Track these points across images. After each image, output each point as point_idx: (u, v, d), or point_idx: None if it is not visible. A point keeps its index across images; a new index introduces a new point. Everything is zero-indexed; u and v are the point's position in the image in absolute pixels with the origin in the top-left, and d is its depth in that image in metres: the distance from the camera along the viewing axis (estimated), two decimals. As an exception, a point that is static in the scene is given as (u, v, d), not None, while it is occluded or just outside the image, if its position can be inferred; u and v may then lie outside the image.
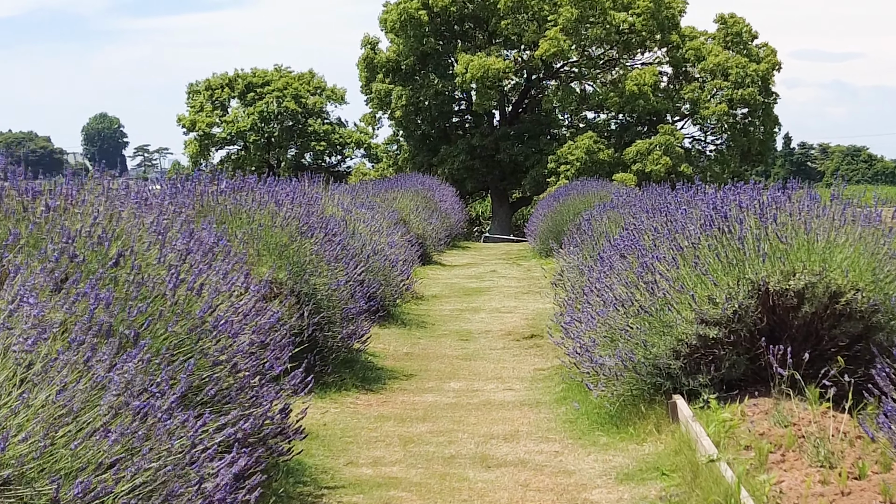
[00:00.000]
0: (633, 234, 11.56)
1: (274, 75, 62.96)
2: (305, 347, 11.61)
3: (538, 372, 13.06)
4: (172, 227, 8.55)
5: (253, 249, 11.84)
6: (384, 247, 17.45)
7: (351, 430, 10.02)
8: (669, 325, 9.68)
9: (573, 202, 28.94)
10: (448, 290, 22.57)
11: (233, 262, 8.92)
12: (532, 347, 15.00)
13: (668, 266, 10.04)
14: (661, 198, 14.92)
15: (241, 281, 8.40)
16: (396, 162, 54.48)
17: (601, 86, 49.60)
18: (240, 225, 12.02)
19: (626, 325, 9.95)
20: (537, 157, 48.21)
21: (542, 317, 17.90)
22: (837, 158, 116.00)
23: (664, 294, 9.72)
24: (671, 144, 46.59)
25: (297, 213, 12.59)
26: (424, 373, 13.16)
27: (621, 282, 10.57)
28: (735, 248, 9.64)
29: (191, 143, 62.10)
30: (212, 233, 9.35)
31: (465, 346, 15.26)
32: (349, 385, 11.97)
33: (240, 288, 8.38)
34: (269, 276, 11.56)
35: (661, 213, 11.60)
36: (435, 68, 50.81)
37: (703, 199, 11.20)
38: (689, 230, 10.14)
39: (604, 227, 17.39)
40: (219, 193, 12.18)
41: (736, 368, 9.62)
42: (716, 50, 50.21)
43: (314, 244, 12.39)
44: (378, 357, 13.96)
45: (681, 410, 9.25)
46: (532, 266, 28.10)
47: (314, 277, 12.10)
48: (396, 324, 16.89)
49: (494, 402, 11.41)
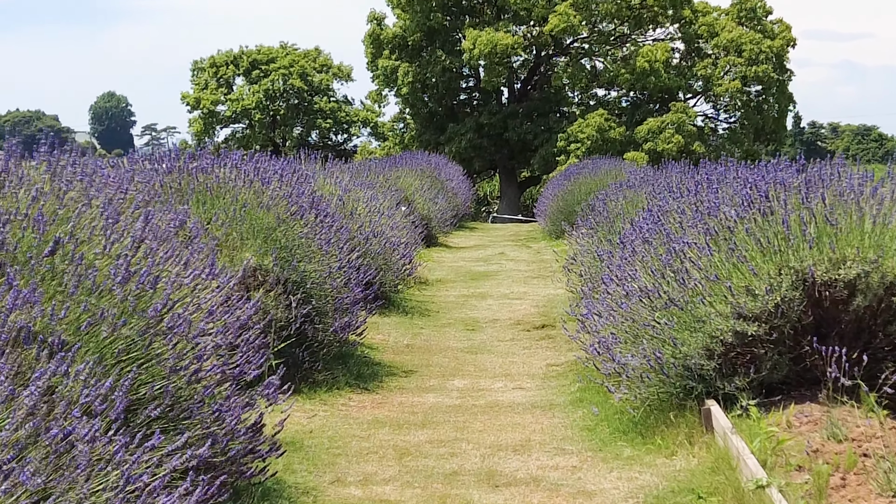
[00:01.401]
0: (658, 216, 10.37)
1: (279, 52, 62.26)
2: (294, 342, 10.48)
3: (551, 368, 11.89)
4: (127, 210, 7.36)
5: (235, 232, 10.69)
6: (385, 229, 16.28)
7: (340, 439, 8.85)
8: (701, 319, 8.51)
9: (585, 181, 27.73)
10: (454, 273, 21.40)
11: (203, 248, 7.73)
12: (544, 339, 13.82)
13: (699, 252, 8.86)
14: (686, 176, 13.72)
15: (208, 272, 7.21)
16: (403, 140, 53.49)
17: (612, 62, 48.41)
18: (222, 205, 10.85)
19: (652, 320, 8.78)
20: (546, 136, 47.17)
21: (553, 304, 16.73)
22: (848, 138, 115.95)
23: (695, 284, 8.55)
24: (683, 122, 45.45)
25: (286, 192, 11.41)
26: (426, 368, 11.99)
27: (645, 270, 9.39)
28: (777, 233, 8.46)
29: (195, 121, 61.49)
30: (179, 214, 8.17)
31: (470, 338, 14.10)
32: (342, 383, 10.81)
33: (206, 279, 7.20)
34: (252, 263, 10.41)
35: (690, 192, 10.39)
36: (442, 44, 49.62)
37: (738, 176, 9.99)
38: (723, 212, 8.95)
39: (620, 208, 16.18)
40: (199, 170, 10.99)
41: (778, 370, 8.45)
42: (729, 26, 48.95)
43: (304, 226, 11.22)
44: (376, 350, 12.80)
45: (716, 418, 8.08)
46: (542, 248, 26.92)
47: (304, 263, 10.94)
48: (398, 312, 15.72)
49: (503, 405, 10.24)
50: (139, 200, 7.79)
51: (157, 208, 8.88)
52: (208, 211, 10.82)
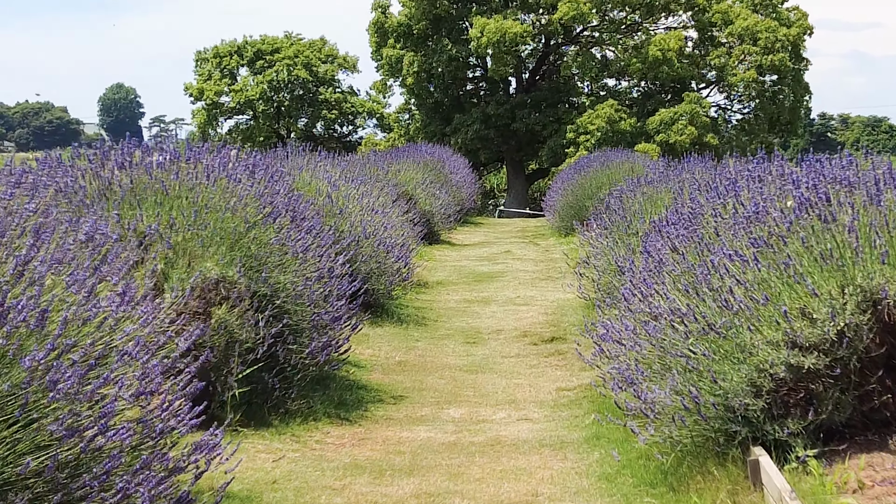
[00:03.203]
0: (689, 219, 8.82)
1: (284, 42, 60.98)
2: (263, 365, 8.98)
3: (562, 393, 10.35)
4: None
5: (197, 239, 9.17)
6: (378, 228, 14.73)
7: (308, 493, 7.31)
8: (747, 349, 7.00)
9: (596, 175, 26.13)
10: (456, 274, 19.86)
11: (123, 266, 6.20)
12: (553, 355, 12.28)
13: (742, 266, 7.33)
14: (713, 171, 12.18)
15: (124, 297, 5.68)
16: (408, 131, 52.08)
17: (623, 51, 46.82)
18: (180, 207, 9.34)
19: (686, 348, 7.26)
20: (555, 127, 45.66)
21: (564, 311, 15.21)
22: (858, 129, 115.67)
23: (740, 307, 7.02)
24: (696, 113, 43.88)
25: (258, 192, 9.89)
26: (418, 393, 10.46)
27: (676, 286, 7.85)
28: (841, 243, 6.93)
29: (198, 112, 60.28)
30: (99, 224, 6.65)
31: (471, 352, 12.57)
32: (319, 413, 9.29)
33: (123, 308, 5.67)
34: (214, 274, 8.90)
35: (728, 192, 8.81)
36: (448, 32, 48.07)
37: (784, 173, 8.43)
38: (773, 218, 7.41)
39: (638, 207, 14.64)
40: (154, 167, 9.47)
41: (840, 411, 6.93)
42: (744, 13, 47.30)
43: (277, 231, 9.70)
44: (363, 369, 11.29)
45: (767, 473, 6.56)
46: (550, 245, 25.37)
47: (276, 274, 9.43)
48: (391, 321, 14.19)
49: (506, 442, 8.69)
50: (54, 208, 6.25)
51: (89, 215, 7.37)
52: (166, 214, 9.31)
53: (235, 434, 8.39)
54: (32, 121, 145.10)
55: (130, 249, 8.90)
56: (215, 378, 8.68)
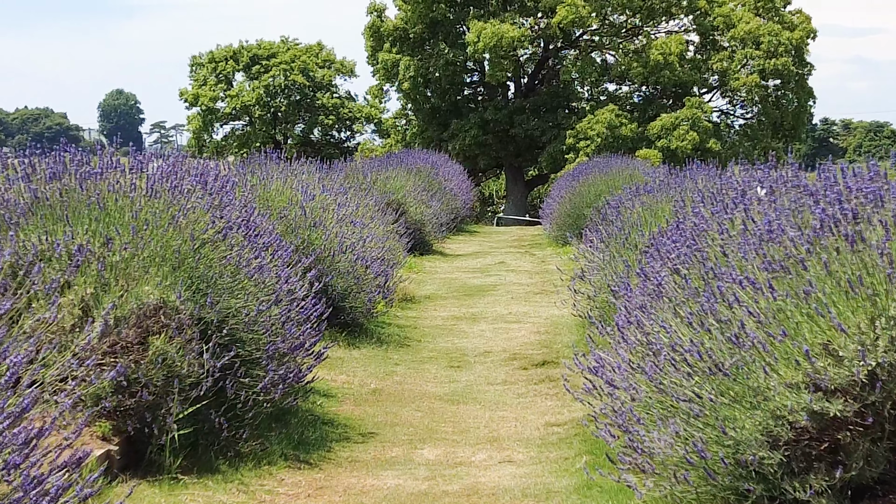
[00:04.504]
0: (693, 236, 7.74)
1: (280, 47, 60.42)
2: (209, 403, 7.91)
3: (551, 429, 9.26)
4: None
5: (136, 259, 8.11)
6: (357, 242, 13.65)
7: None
8: (761, 393, 5.94)
9: (595, 182, 25.06)
10: (445, 287, 18.79)
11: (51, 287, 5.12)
12: (544, 381, 11.20)
13: (755, 294, 6.26)
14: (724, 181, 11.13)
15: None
16: (405, 137, 51.15)
17: (623, 55, 45.81)
18: (117, 223, 8.27)
19: (690, 391, 6.19)
20: (555, 132, 44.68)
21: (557, 329, 14.15)
22: (860, 134, 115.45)
23: (753, 343, 5.96)
24: (698, 118, 42.91)
25: (208, 204, 8.82)
26: (390, 428, 9.37)
27: (679, 316, 6.78)
28: (872, 268, 5.87)
29: (194, 118, 59.72)
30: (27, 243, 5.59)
31: (454, 378, 11.49)
32: (275, 455, 8.20)
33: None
34: (153, 299, 7.83)
35: (733, 204, 7.74)
36: (445, 36, 47.12)
37: (800, 184, 7.35)
38: (789, 237, 6.34)
39: (637, 218, 13.58)
40: (86, 176, 8.39)
41: (872, 465, 5.89)
42: (746, 17, 46.35)
43: (229, 249, 8.62)
44: (332, 399, 10.21)
45: (786, 543, 5.50)
46: (547, 256, 24.30)
47: (226, 298, 8.36)
48: (370, 342, 13.11)
49: (484, 491, 7.59)
50: None
51: None
52: (102, 231, 8.24)
53: (174, 484, 7.33)
54: (32, 127, 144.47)
55: (58, 271, 7.87)
56: (152, 419, 7.63)
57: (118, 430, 7.65)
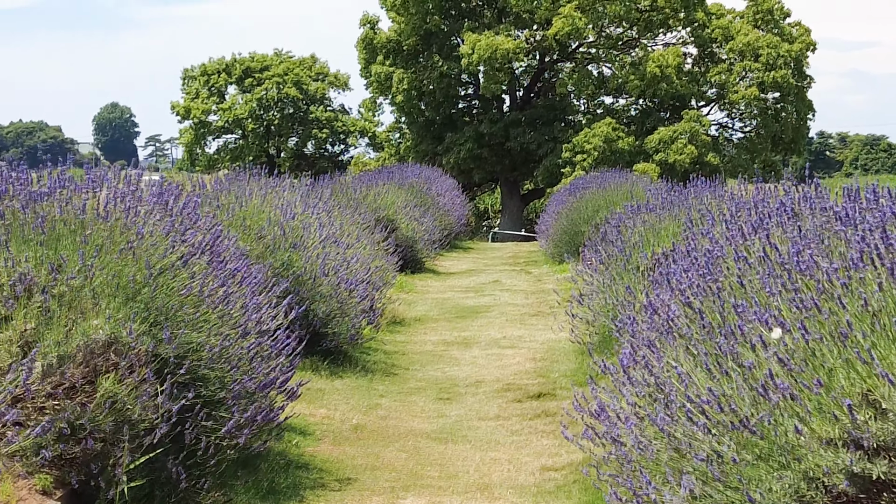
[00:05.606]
0: (707, 264, 6.90)
1: (273, 60, 59.98)
2: (166, 449, 7.07)
3: (547, 474, 8.40)
4: None
5: (86, 289, 7.27)
6: (340, 264, 12.82)
7: None
8: (792, 451, 5.11)
9: (592, 197, 24.26)
10: (437, 309, 17.95)
11: None
12: (540, 416, 10.35)
13: (782, 335, 5.42)
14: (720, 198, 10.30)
15: None
16: (398, 151, 50.38)
17: (620, 68, 45.07)
18: (65, 248, 7.44)
19: (710, 448, 5.36)
20: (551, 146, 43.92)
21: (555, 356, 13.31)
22: (857, 148, 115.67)
23: (783, 394, 5.13)
24: (697, 132, 42.21)
25: (167, 227, 7.99)
26: (371, 473, 8.50)
27: (694, 359, 5.95)
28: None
29: (186, 131, 59.29)
30: None
31: (443, 412, 10.64)
32: (240, 508, 7.38)
33: None
34: (102, 335, 6.99)
35: (751, 229, 6.92)
36: (439, 49, 46.39)
37: (827, 207, 6.53)
38: (822, 269, 5.51)
39: (639, 237, 12.77)
40: (33, 197, 7.56)
41: (920, 536, 5.05)
42: (745, 29, 45.76)
43: (190, 278, 7.79)
44: (310, 437, 9.36)
45: None
46: (543, 274, 23.46)
47: (186, 332, 7.52)
48: (354, 370, 12.26)
49: (471, 555, 6.77)
50: None
51: None
52: (48, 257, 7.41)
53: (124, 544, 6.49)
54: (26, 140, 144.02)
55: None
56: (100, 469, 6.79)
57: (61, 482, 6.81)
